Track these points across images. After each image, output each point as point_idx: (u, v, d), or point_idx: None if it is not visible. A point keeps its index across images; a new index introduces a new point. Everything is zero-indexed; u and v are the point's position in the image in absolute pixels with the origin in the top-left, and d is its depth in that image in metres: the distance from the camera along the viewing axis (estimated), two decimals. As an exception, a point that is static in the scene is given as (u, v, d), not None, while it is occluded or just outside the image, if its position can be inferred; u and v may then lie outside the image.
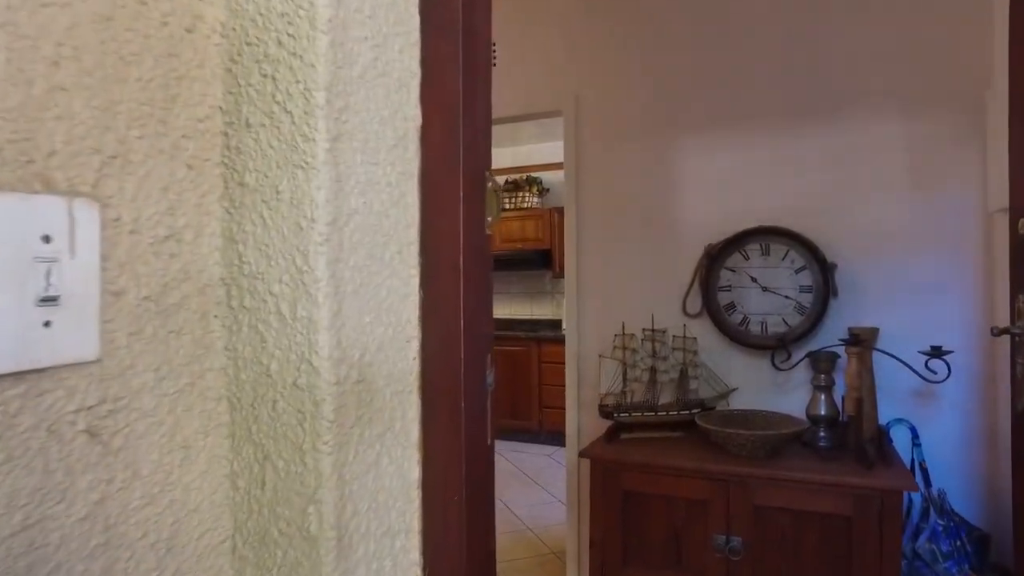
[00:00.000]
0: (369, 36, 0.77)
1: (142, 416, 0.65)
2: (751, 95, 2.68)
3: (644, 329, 2.71)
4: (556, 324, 6.51)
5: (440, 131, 0.83)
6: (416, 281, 0.84)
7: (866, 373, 2.30)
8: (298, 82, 0.70)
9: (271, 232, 0.72)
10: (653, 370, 2.66)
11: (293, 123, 0.70)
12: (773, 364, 2.46)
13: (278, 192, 0.71)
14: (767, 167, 2.65)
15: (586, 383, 3.01)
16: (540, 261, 6.17)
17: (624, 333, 2.69)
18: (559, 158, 6.92)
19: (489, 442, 0.93)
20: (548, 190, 6.48)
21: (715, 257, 2.68)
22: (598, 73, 2.97)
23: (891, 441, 2.38)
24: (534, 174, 6.46)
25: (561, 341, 6.07)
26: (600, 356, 2.71)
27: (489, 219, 0.93)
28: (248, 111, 0.73)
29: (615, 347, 2.71)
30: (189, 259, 0.71)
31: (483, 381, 0.89)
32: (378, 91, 0.78)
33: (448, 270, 0.82)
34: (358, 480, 0.74)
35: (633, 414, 2.58)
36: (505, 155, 6.78)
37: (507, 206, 6.41)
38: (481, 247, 0.87)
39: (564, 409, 3.13)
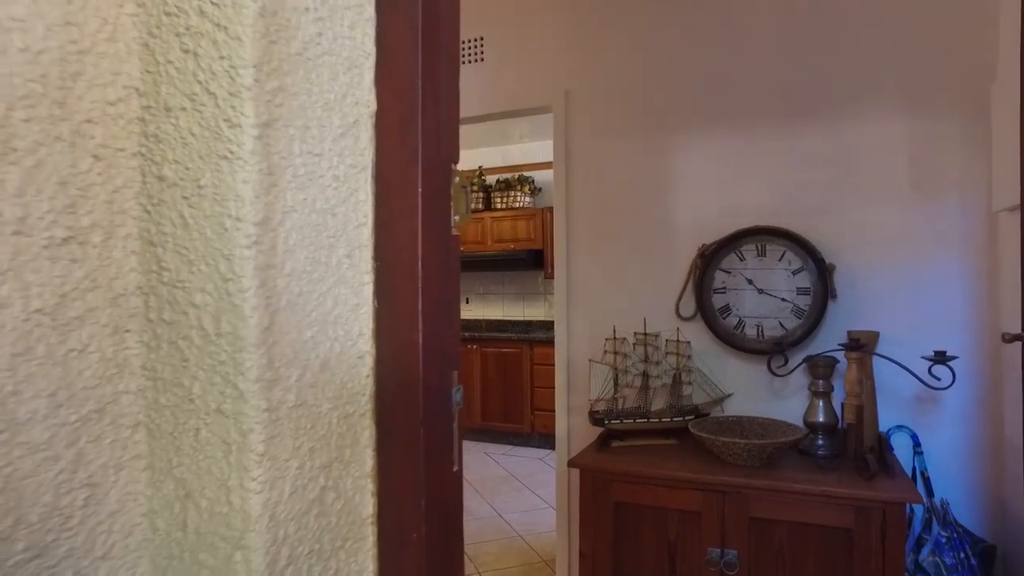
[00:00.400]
0: (312, 8, 0.66)
1: (30, 452, 0.55)
2: (747, 90, 2.58)
3: (636, 333, 2.62)
4: (549, 325, 6.42)
5: (398, 119, 0.73)
6: (370, 289, 0.74)
7: (866, 379, 2.21)
8: (222, 58, 0.60)
9: (192, 233, 0.62)
10: (645, 375, 2.57)
11: (217, 106, 0.60)
12: (770, 369, 2.37)
13: (200, 187, 0.61)
14: (764, 165, 2.56)
15: (576, 388, 2.91)
16: (532, 261, 6.08)
17: (615, 337, 2.59)
18: (551, 157, 6.85)
19: (456, 468, 0.83)
20: (540, 189, 6.39)
21: (709, 258, 2.58)
22: (589, 68, 2.88)
23: (892, 449, 2.29)
24: (526, 173, 6.36)
25: (552, 342, 5.94)
26: (590, 361, 2.61)
27: (456, 218, 0.83)
28: (167, 93, 0.63)
29: (606, 352, 2.61)
30: (97, 265, 0.61)
31: (448, 401, 0.79)
32: (322, 71, 0.68)
33: (406, 277, 0.72)
34: (296, 520, 0.64)
35: (624, 421, 2.49)
36: (496, 154, 6.68)
37: (499, 206, 6.31)
38: (446, 250, 0.77)
39: (555, 411, 3.04)
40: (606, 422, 2.49)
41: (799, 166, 2.51)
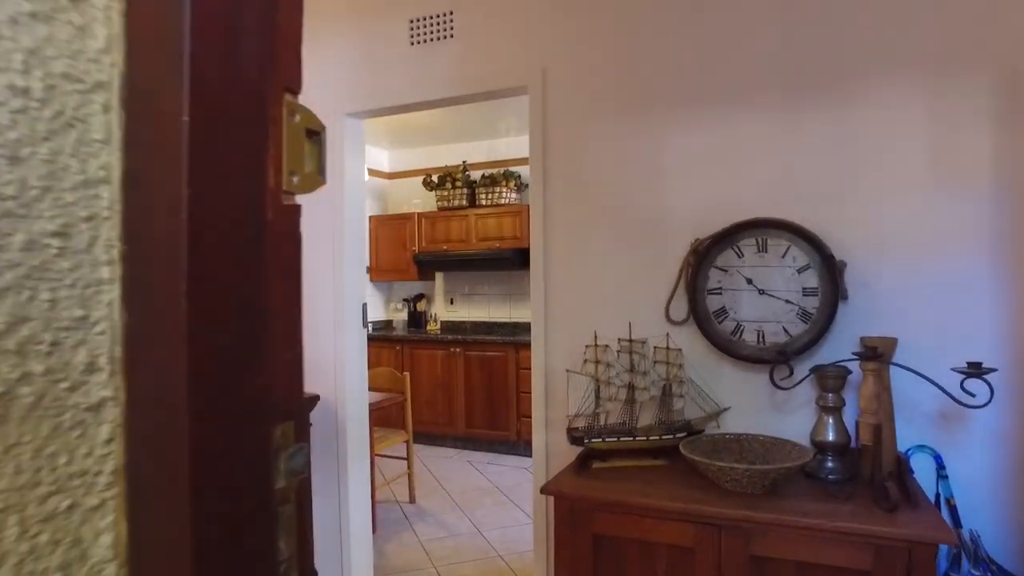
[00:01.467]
0: None
1: None
2: (745, 65, 2.28)
3: (621, 339, 2.31)
4: (536, 328, 6.11)
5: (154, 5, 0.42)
6: (113, 293, 0.43)
7: (884, 393, 1.91)
8: None
9: None
10: (631, 387, 2.26)
11: None
12: (772, 381, 2.06)
13: None
14: (764, 150, 2.26)
15: (555, 400, 2.61)
16: (518, 260, 5.77)
17: (596, 344, 2.29)
18: None
19: (291, 580, 0.52)
20: (527, 186, 6.08)
21: (703, 255, 2.28)
22: (569, 43, 2.57)
23: (912, 472, 2.00)
24: (512, 168, 6.06)
25: None
26: (568, 372, 2.31)
27: (295, 179, 0.52)
28: None
29: (586, 360, 2.31)
30: None
31: (265, 478, 0.48)
32: None
33: (167, 272, 0.42)
34: None
35: (607, 440, 2.18)
36: (481, 149, 6.37)
37: (484, 202, 6.00)
38: (259, 227, 0.47)
39: (533, 427, 2.73)
40: (586, 441, 2.19)
41: (805, 150, 2.20)
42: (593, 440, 2.19)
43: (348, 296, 3.09)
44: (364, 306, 3.18)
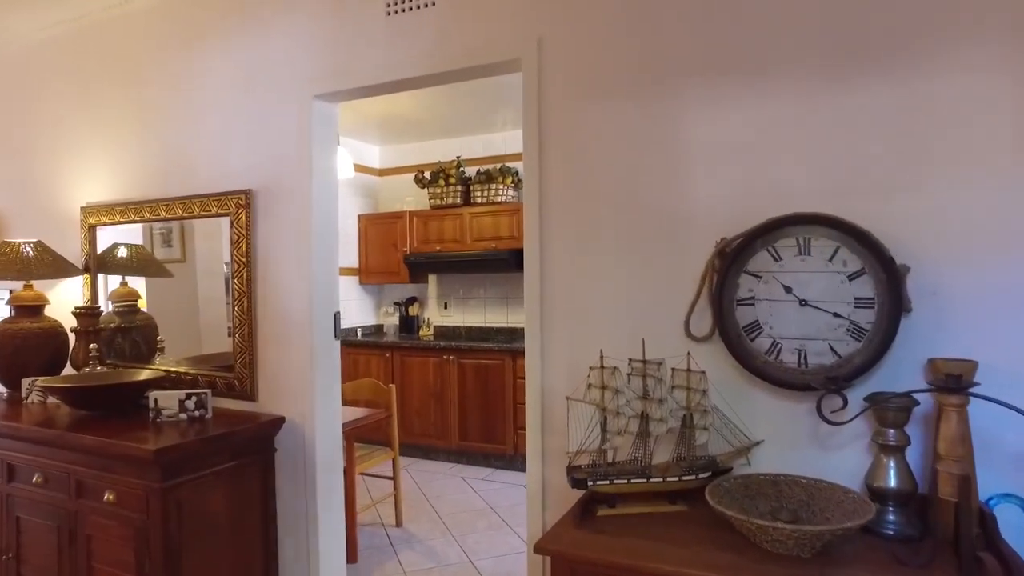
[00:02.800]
0: None
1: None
2: (783, 28, 1.88)
3: (632, 360, 1.91)
4: (535, 333, 5.71)
5: None
6: None
7: (966, 431, 1.51)
8: None
9: None
10: (644, 417, 1.86)
11: None
12: (820, 414, 1.66)
13: None
14: (805, 131, 1.85)
15: (553, 428, 2.21)
16: (516, 262, 5.37)
17: (603, 366, 1.89)
18: None
19: None
20: (525, 182, 5.69)
21: (732, 257, 1.88)
22: (570, 6, 2.17)
23: (997, 527, 1.59)
24: (509, 164, 5.66)
25: None
26: (569, 399, 1.91)
27: None
28: None
29: (590, 385, 1.91)
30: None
31: None
32: None
33: None
34: None
35: (615, 482, 1.79)
36: (476, 144, 5.97)
37: (479, 200, 5.60)
38: None
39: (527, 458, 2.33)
40: (590, 483, 1.79)
41: (857, 131, 1.80)
42: (599, 482, 1.79)
43: (318, 304, 2.70)
44: (336, 315, 2.78)
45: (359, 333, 6.12)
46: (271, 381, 2.78)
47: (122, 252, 3.47)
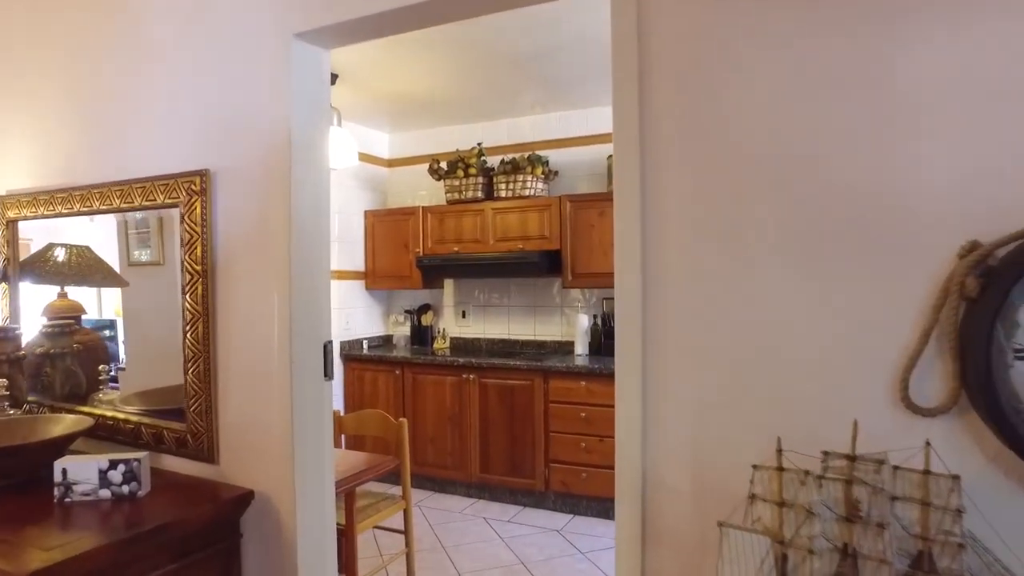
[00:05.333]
0: None
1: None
2: None
3: (825, 452, 1.09)
4: (568, 347, 4.90)
5: None
6: None
7: None
8: None
9: None
10: (849, 555, 1.04)
11: None
12: None
13: None
14: None
15: (660, 537, 1.38)
16: (547, 265, 4.55)
17: (781, 467, 1.06)
18: (571, 132, 5.25)
19: None
20: (557, 173, 4.85)
21: (1001, 276, 1.06)
22: None
23: None
24: (539, 152, 4.83)
25: (577, 373, 4.23)
26: (723, 527, 1.09)
27: None
28: None
29: (752, 497, 1.09)
30: None
31: None
32: None
33: None
34: None
35: None
36: (500, 129, 5.15)
37: (504, 194, 4.78)
38: None
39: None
40: None
41: None
42: None
43: (302, 330, 1.88)
44: (327, 347, 1.96)
45: (365, 345, 5.31)
46: (237, 437, 1.97)
47: (59, 255, 2.67)
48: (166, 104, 2.10)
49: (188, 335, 1.99)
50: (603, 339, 4.63)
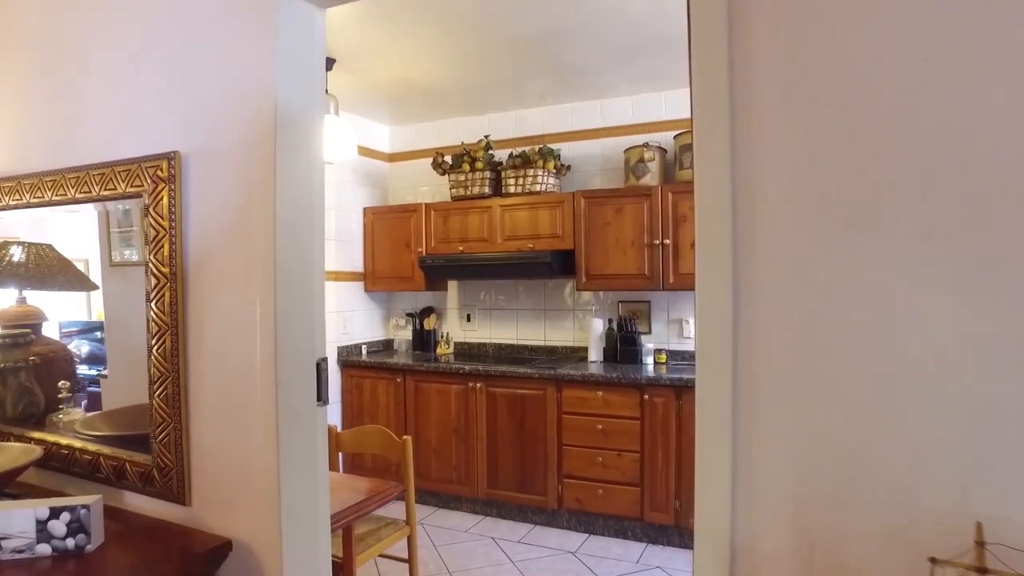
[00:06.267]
0: None
1: None
2: None
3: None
4: (579, 353, 4.56)
5: None
6: None
7: None
8: None
9: None
10: None
11: None
12: None
13: None
14: None
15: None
16: (559, 266, 4.21)
17: (985, 568, 0.73)
18: (584, 124, 4.85)
19: None
20: (569, 167, 4.51)
21: None
22: None
23: None
24: (551, 144, 4.49)
25: (594, 383, 3.86)
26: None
27: None
28: None
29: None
30: None
31: None
32: None
33: None
34: None
35: None
36: (507, 121, 4.81)
37: (512, 190, 4.44)
38: None
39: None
40: None
41: None
42: None
43: (290, 346, 1.54)
44: (321, 365, 1.62)
45: (364, 351, 4.96)
46: (212, 474, 1.63)
47: (15, 254, 2.32)
48: (131, 76, 1.75)
49: (154, 351, 1.65)
50: (619, 345, 4.29)
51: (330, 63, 3.72)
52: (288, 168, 1.53)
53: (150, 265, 1.65)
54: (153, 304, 1.64)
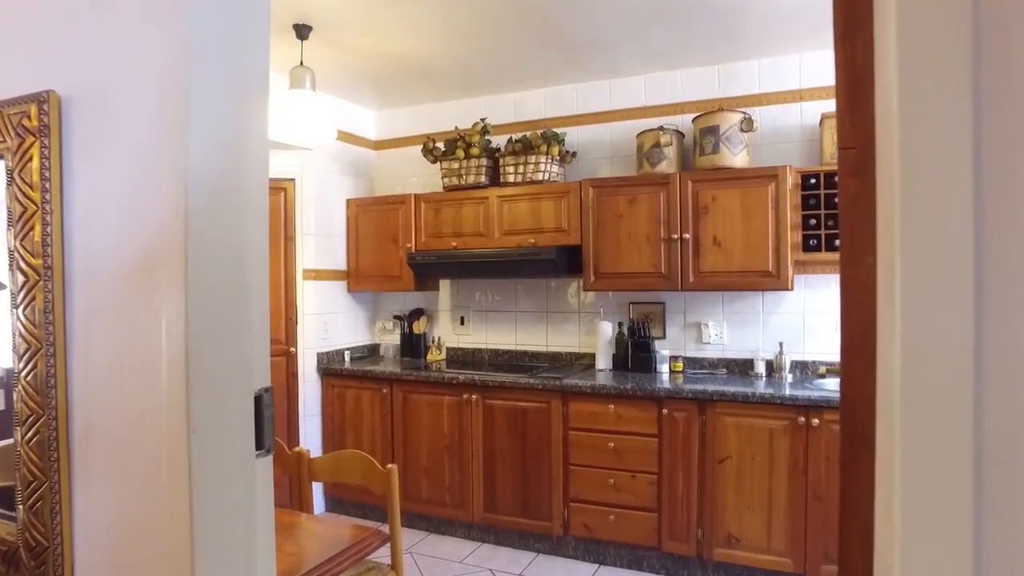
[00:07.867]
0: None
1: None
2: None
3: None
4: (585, 360, 4.07)
5: None
6: None
7: None
8: None
9: None
10: None
11: None
12: None
13: None
14: None
15: None
16: (564, 263, 3.71)
17: None
18: (590, 107, 4.11)
19: None
20: (575, 154, 4.02)
21: None
22: None
23: None
24: (555, 129, 3.99)
25: (606, 395, 3.32)
26: None
27: None
28: None
29: None
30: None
31: None
32: None
33: None
34: None
35: None
36: (506, 104, 4.31)
37: (512, 178, 3.94)
38: None
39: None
40: None
41: None
42: None
43: (208, 375, 1.03)
44: (261, 399, 1.11)
45: (347, 357, 4.45)
46: (105, 558, 1.12)
47: None
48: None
49: (24, 378, 1.14)
50: (630, 351, 3.79)
51: (305, 31, 3.21)
52: (205, 108, 1.02)
53: (16, 255, 1.13)
54: (21, 312, 1.13)
